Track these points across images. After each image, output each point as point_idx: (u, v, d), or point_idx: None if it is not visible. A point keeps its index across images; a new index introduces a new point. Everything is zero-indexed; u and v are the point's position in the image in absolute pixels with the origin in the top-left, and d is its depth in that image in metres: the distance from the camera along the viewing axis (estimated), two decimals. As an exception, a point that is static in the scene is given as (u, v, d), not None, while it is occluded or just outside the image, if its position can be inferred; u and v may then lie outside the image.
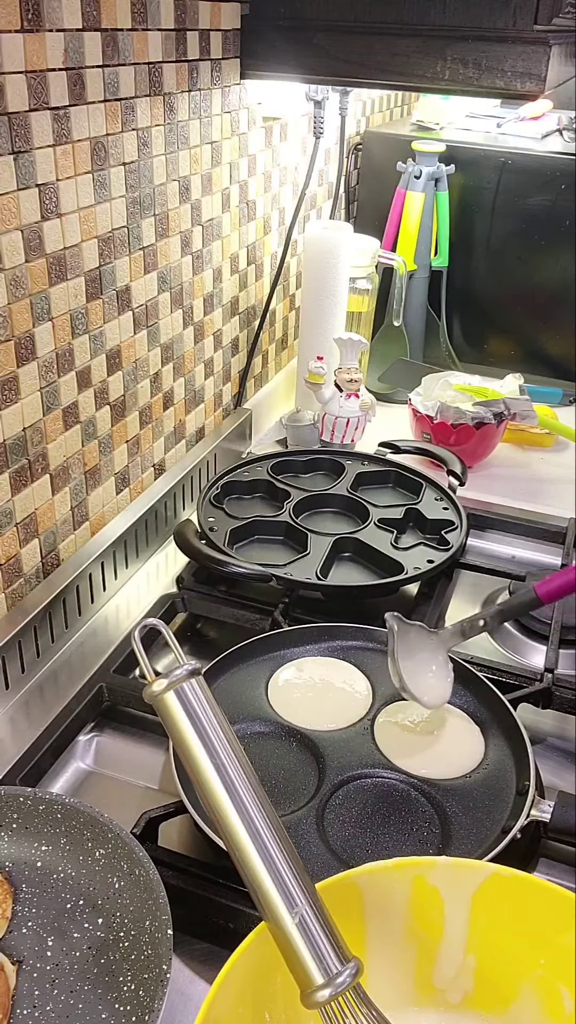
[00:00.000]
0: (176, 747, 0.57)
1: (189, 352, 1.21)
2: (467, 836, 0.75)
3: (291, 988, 0.54)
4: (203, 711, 0.56)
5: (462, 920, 0.62)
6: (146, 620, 0.61)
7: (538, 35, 1.02)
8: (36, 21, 0.79)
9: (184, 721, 0.56)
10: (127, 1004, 0.62)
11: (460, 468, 1.24)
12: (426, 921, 0.62)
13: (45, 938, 0.67)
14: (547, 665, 0.94)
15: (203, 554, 1.03)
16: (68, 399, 0.96)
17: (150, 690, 0.56)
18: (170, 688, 0.56)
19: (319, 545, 1.09)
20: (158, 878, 0.65)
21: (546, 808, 0.74)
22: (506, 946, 0.62)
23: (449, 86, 1.10)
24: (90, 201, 0.92)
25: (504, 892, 0.61)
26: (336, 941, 0.54)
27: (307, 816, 0.76)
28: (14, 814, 0.72)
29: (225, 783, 0.55)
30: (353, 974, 0.53)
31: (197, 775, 0.56)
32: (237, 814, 0.55)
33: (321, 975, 0.52)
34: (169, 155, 1.05)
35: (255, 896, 0.55)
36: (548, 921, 0.60)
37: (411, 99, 2.04)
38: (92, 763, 0.88)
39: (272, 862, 0.54)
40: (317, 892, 0.55)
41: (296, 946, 0.53)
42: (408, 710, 0.88)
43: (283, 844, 0.55)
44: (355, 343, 1.32)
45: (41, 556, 0.97)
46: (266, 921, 0.54)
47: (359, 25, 1.09)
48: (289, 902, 0.53)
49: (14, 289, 0.84)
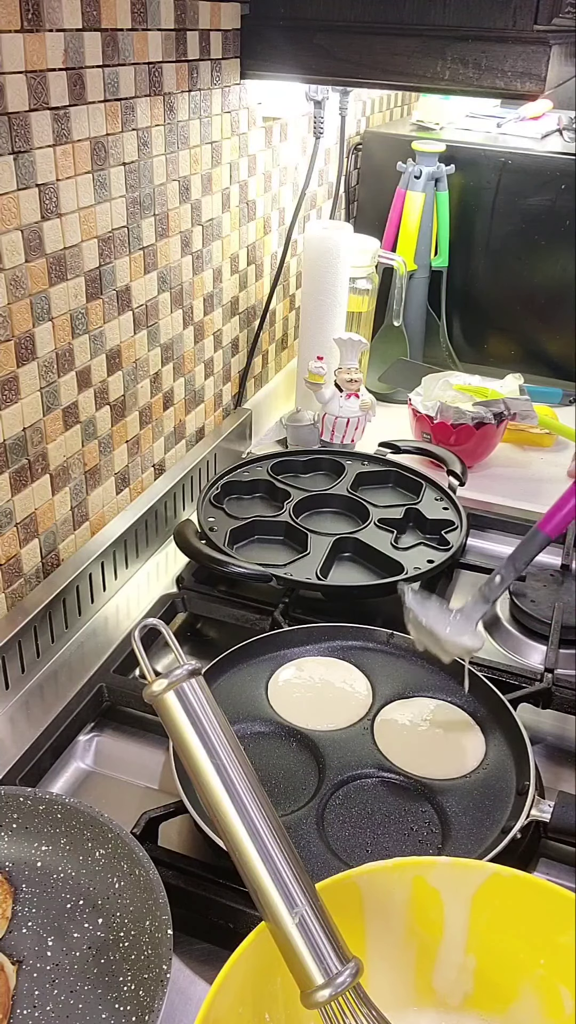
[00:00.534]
0: (176, 747, 0.57)
1: (189, 352, 1.21)
2: (467, 836, 0.75)
3: (291, 988, 0.54)
4: (203, 711, 0.56)
5: (462, 920, 0.62)
6: (146, 620, 0.61)
7: (538, 35, 1.02)
8: (36, 21, 0.79)
9: (184, 721, 0.56)
10: (127, 1004, 0.62)
11: (460, 468, 1.24)
12: (426, 921, 0.62)
13: (45, 938, 0.67)
14: (547, 665, 0.94)
15: (203, 554, 1.03)
16: (68, 399, 0.96)
17: (150, 690, 0.56)
18: (170, 688, 0.56)
19: (319, 545, 1.09)
20: (158, 878, 0.65)
21: (546, 808, 0.74)
22: (506, 946, 0.62)
23: (449, 86, 1.10)
24: (90, 201, 0.92)
25: (504, 892, 0.61)
26: (336, 941, 0.54)
27: (307, 816, 0.76)
28: (14, 814, 0.72)
29: (225, 783, 0.55)
30: (353, 974, 0.53)
31: (197, 775, 0.56)
32: (237, 814, 0.55)
33: (321, 975, 0.52)
34: (169, 155, 1.05)
35: (255, 896, 0.55)
36: (548, 921, 0.60)
37: (411, 99, 2.04)
38: (92, 763, 0.87)
39: (272, 862, 0.54)
40: (317, 892, 0.55)
41: (296, 946, 0.53)
42: (408, 710, 0.88)
43: (283, 844, 0.55)
44: (355, 343, 1.32)
45: (41, 556, 0.97)
46: (266, 921, 0.54)
47: (359, 25, 1.09)
48: (289, 902, 0.53)
49: (14, 289, 0.84)
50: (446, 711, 0.88)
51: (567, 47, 1.10)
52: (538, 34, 1.02)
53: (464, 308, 1.71)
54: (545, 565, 1.19)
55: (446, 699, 0.90)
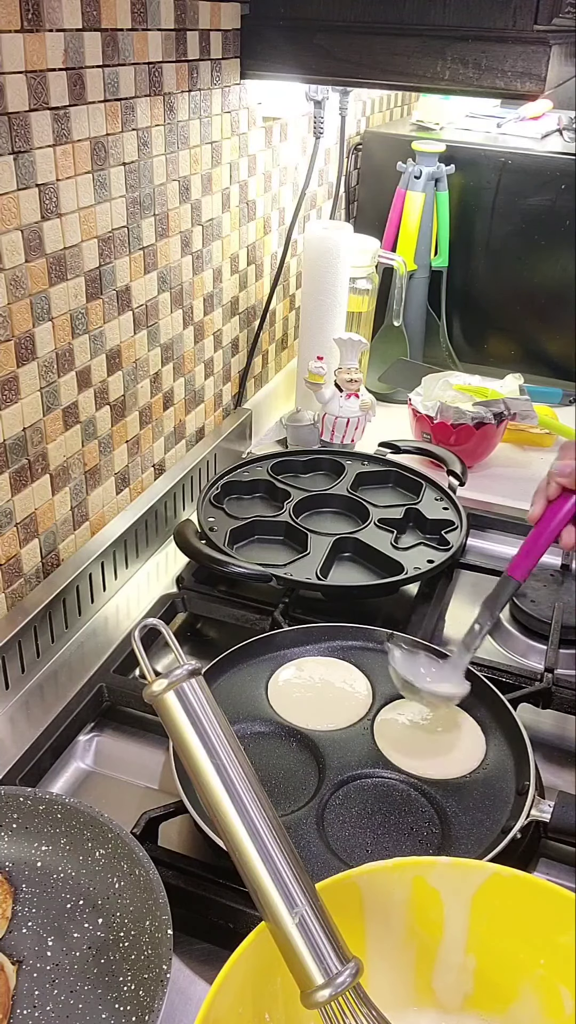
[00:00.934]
0: (176, 747, 0.57)
1: (189, 352, 1.21)
2: (467, 836, 0.75)
3: (291, 988, 0.54)
4: (203, 711, 0.56)
5: (462, 920, 0.62)
6: (146, 620, 0.61)
7: (538, 35, 1.02)
8: (36, 21, 0.79)
9: (184, 721, 0.56)
10: (127, 1004, 0.62)
11: (460, 468, 1.24)
12: (426, 921, 0.62)
13: (45, 938, 0.67)
14: (547, 665, 0.94)
15: (203, 554, 1.03)
16: (68, 399, 0.96)
17: (150, 690, 0.56)
18: (170, 688, 0.56)
19: (319, 545, 1.09)
20: (158, 878, 0.65)
21: (546, 808, 0.74)
22: (506, 946, 0.62)
23: (449, 86, 1.10)
24: (90, 201, 0.92)
25: (504, 892, 0.61)
26: (336, 941, 0.54)
27: (307, 816, 0.76)
28: (14, 814, 0.72)
29: (225, 783, 0.55)
30: (353, 974, 0.53)
31: (197, 775, 0.56)
32: (237, 814, 0.55)
33: (321, 975, 0.52)
34: (169, 155, 1.05)
35: (255, 896, 0.55)
36: (548, 921, 0.60)
37: (411, 99, 2.04)
38: (92, 763, 0.87)
39: (272, 862, 0.54)
40: (317, 892, 0.55)
41: (296, 946, 0.53)
42: (408, 710, 0.88)
43: (283, 844, 0.55)
44: (355, 343, 1.32)
45: (41, 556, 0.97)
46: (266, 921, 0.54)
47: (359, 25, 1.09)
48: (289, 902, 0.53)
49: (14, 289, 0.84)
50: (446, 711, 0.88)
51: (567, 47, 1.10)
52: (538, 34, 1.02)
53: (464, 308, 1.71)
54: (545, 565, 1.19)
55: (446, 699, 0.90)
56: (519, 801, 0.77)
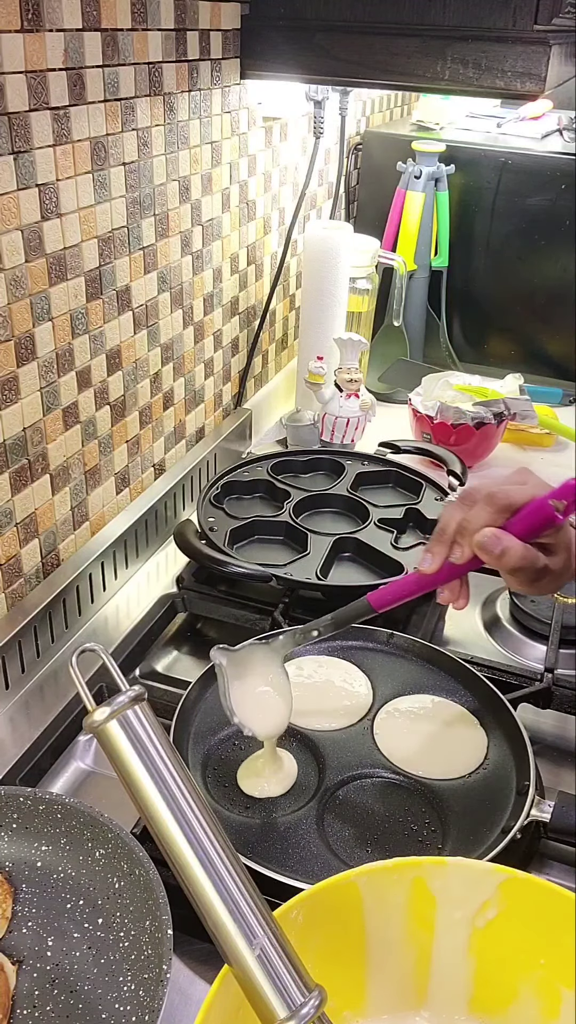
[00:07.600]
0: (122, 779, 0.54)
1: (189, 352, 1.21)
2: (467, 836, 0.75)
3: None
4: (149, 740, 0.53)
5: (462, 920, 0.62)
6: (84, 644, 0.58)
7: (538, 35, 1.02)
8: (36, 21, 0.79)
9: (129, 751, 0.53)
10: (127, 1004, 0.62)
11: (460, 468, 1.24)
12: (426, 921, 0.62)
13: (45, 938, 0.67)
14: (547, 665, 0.94)
15: (203, 554, 1.03)
16: (68, 399, 0.96)
17: (91, 719, 0.53)
18: (112, 717, 0.53)
19: (319, 545, 1.09)
20: (158, 878, 0.65)
21: (546, 808, 0.74)
22: (506, 946, 0.62)
23: (449, 86, 1.10)
24: (90, 201, 0.92)
25: (504, 892, 0.61)
26: (298, 970, 0.51)
27: (307, 816, 0.76)
28: (14, 814, 0.72)
29: (175, 815, 0.52)
30: (317, 1004, 0.50)
31: (146, 808, 0.53)
32: (189, 847, 0.52)
33: (284, 1008, 0.50)
34: (169, 155, 1.05)
35: (213, 935, 0.52)
36: (548, 921, 0.60)
37: (411, 99, 2.04)
38: (92, 763, 0.87)
39: (229, 894, 0.52)
40: (274, 918, 0.53)
41: (257, 981, 0.50)
42: (408, 710, 0.88)
43: (237, 872, 0.52)
44: (355, 343, 1.32)
45: (41, 556, 0.97)
46: (226, 960, 0.52)
47: (359, 25, 1.09)
48: (248, 935, 0.51)
49: (14, 289, 0.84)
50: (446, 711, 0.88)
51: (567, 47, 1.10)
52: (538, 34, 1.02)
53: (464, 308, 1.71)
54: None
55: (446, 699, 0.90)
56: (519, 801, 0.77)
